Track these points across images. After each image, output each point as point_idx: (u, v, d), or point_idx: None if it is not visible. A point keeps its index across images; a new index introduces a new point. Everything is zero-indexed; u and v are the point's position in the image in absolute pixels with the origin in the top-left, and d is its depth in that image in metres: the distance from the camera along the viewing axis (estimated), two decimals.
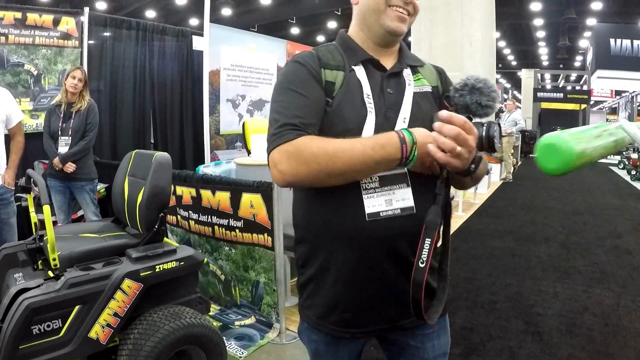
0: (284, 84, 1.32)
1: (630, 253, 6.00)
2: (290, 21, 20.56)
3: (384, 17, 1.34)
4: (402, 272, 1.30)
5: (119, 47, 6.36)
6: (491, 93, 1.30)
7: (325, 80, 1.32)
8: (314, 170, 1.17)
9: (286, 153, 1.19)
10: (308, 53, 1.38)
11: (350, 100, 1.30)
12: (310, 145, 1.18)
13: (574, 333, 3.71)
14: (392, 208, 1.27)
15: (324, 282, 1.35)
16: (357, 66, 1.36)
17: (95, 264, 2.44)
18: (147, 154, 2.95)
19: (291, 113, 1.24)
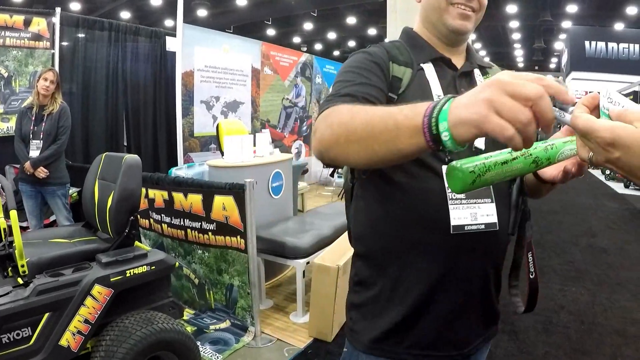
0: (345, 68, 1.22)
1: (605, 251, 6.07)
2: (267, 22, 20.48)
3: (446, 15, 1.26)
4: (479, 294, 1.25)
5: (92, 48, 6.26)
6: None
7: (392, 75, 1.23)
8: (336, 131, 0.94)
9: (322, 118, 1.02)
10: (376, 46, 1.30)
11: (419, 100, 1.17)
12: (342, 107, 0.99)
13: (550, 331, 3.74)
14: (476, 223, 1.18)
15: (391, 302, 1.23)
16: (427, 64, 1.27)
17: (64, 270, 2.39)
18: (117, 156, 2.90)
19: (345, 87, 1.12)
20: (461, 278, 1.21)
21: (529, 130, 0.65)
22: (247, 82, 7.35)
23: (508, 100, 0.65)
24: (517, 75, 0.67)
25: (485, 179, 0.81)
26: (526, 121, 0.64)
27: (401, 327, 1.23)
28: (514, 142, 0.65)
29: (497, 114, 0.65)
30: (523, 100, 0.65)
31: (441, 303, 1.21)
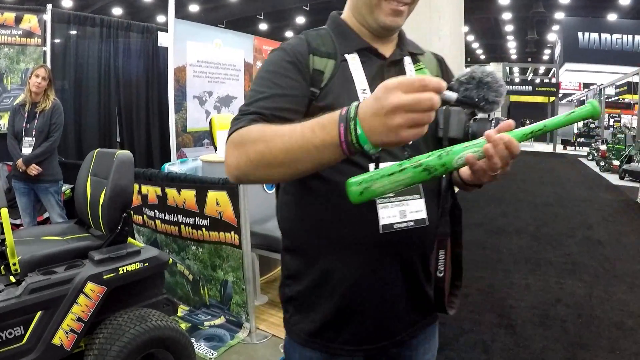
0: (260, 72, 1.20)
1: (601, 244, 6.09)
2: (259, 17, 20.47)
3: (377, 11, 1.20)
4: (409, 286, 1.25)
5: (83, 45, 6.21)
6: (499, 88, 1.20)
7: (312, 69, 1.19)
8: (254, 159, 0.97)
9: (232, 143, 1.03)
10: (296, 38, 1.25)
11: (344, 94, 1.18)
12: (252, 130, 1.00)
13: (547, 325, 3.73)
14: (406, 220, 1.18)
15: (321, 296, 1.24)
16: (351, 55, 1.23)
17: (57, 268, 2.36)
18: (109, 152, 2.87)
19: (255, 101, 1.11)
20: (390, 273, 1.22)
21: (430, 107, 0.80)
22: (240, 77, 7.31)
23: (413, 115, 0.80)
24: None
25: (374, 190, 0.89)
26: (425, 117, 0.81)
27: (333, 321, 1.24)
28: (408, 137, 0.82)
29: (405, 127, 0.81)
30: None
31: (371, 298, 1.22)
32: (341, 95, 1.18)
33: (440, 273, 1.21)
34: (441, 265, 1.21)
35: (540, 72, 31.65)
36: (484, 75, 1.20)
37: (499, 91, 1.20)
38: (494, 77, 1.21)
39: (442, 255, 1.21)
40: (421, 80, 0.79)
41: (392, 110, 0.80)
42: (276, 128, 0.97)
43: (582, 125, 22.45)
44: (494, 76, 1.21)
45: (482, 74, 1.20)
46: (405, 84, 0.80)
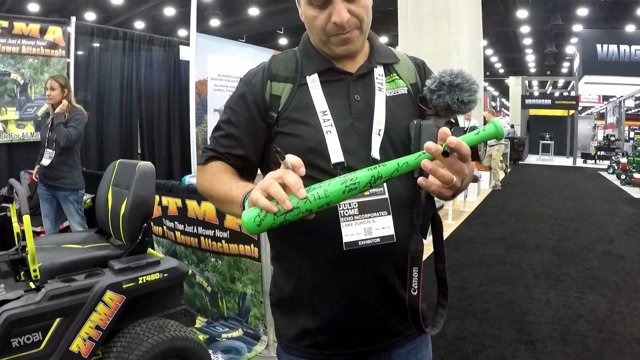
0: (227, 102, 1.34)
1: (622, 258, 5.98)
2: (279, 32, 20.56)
3: (329, 45, 1.24)
4: (385, 298, 1.25)
5: (106, 57, 6.32)
6: (472, 87, 1.20)
7: (271, 94, 1.25)
8: (203, 192, 1.32)
9: (197, 172, 1.35)
10: (261, 66, 1.32)
11: (303, 118, 1.22)
12: (207, 171, 1.29)
13: (568, 341, 3.66)
14: (371, 237, 1.17)
15: (299, 304, 1.28)
16: (312, 76, 1.26)
17: (77, 276, 2.38)
18: (131, 163, 2.91)
19: (217, 137, 1.31)
20: (360, 285, 1.22)
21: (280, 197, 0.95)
22: None
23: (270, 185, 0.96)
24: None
25: (266, 222, 0.98)
26: (275, 191, 0.96)
27: (311, 328, 1.26)
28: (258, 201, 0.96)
29: (261, 190, 0.96)
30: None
31: (341, 307, 1.23)
32: (301, 120, 1.22)
33: (414, 291, 1.19)
34: (415, 283, 1.19)
35: (559, 85, 31.39)
36: (452, 77, 1.20)
37: (472, 89, 1.20)
38: (464, 77, 1.20)
39: (416, 273, 1.19)
40: (268, 187, 0.96)
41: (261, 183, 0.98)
42: (220, 178, 1.24)
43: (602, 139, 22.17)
44: (464, 75, 1.21)
45: (451, 77, 1.20)
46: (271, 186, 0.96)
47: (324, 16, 1.19)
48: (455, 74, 1.22)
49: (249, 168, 1.32)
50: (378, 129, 1.22)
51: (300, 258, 1.24)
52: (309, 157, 1.17)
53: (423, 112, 1.29)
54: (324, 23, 1.20)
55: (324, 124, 1.20)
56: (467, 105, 1.21)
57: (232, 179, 1.22)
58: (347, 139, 1.20)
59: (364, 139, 1.22)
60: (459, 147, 0.95)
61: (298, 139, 1.21)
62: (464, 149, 0.96)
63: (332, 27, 1.19)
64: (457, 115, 1.27)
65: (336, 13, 1.17)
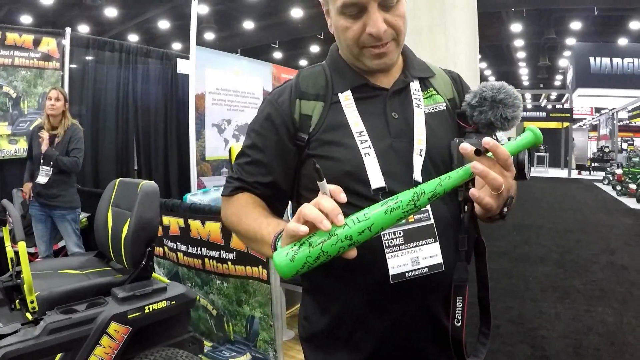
0: (251, 124, 1.25)
1: (626, 269, 6.00)
2: (273, 45, 20.59)
3: (362, 59, 1.14)
4: (432, 330, 1.15)
5: (102, 70, 6.16)
6: (515, 102, 1.11)
7: (300, 114, 1.16)
8: (229, 226, 1.25)
9: (223, 204, 1.27)
10: (288, 84, 1.23)
11: (338, 139, 1.12)
12: (233, 204, 1.21)
13: (581, 355, 3.65)
14: (419, 267, 1.08)
15: (336, 338, 1.17)
16: (345, 93, 1.16)
17: (77, 306, 2.22)
18: (132, 182, 2.76)
19: (242, 165, 1.23)
20: (407, 320, 1.13)
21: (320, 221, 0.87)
22: (259, 105, 7.25)
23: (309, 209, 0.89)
24: None
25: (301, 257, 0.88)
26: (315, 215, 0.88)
27: None
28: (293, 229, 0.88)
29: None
30: None
31: (389, 346, 1.14)
32: (335, 141, 1.12)
33: (457, 322, 1.09)
34: (459, 314, 1.09)
35: (552, 98, 31.63)
36: (495, 92, 1.11)
37: (516, 104, 1.11)
38: (507, 92, 1.11)
39: (460, 303, 1.09)
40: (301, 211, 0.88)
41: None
42: (249, 213, 1.15)
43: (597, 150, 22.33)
44: (507, 90, 1.11)
45: (493, 92, 1.11)
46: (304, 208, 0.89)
47: (358, 27, 1.10)
48: (497, 88, 1.12)
49: (279, 197, 1.22)
50: (419, 149, 1.12)
51: (341, 292, 1.14)
52: (346, 182, 1.07)
53: (462, 129, 1.19)
54: (357, 34, 1.10)
55: (362, 145, 1.10)
56: (510, 122, 1.12)
57: (261, 214, 1.13)
58: (387, 161, 1.11)
59: (405, 160, 1.12)
60: (495, 148, 0.89)
61: (333, 162, 1.11)
62: (501, 151, 0.89)
63: (367, 38, 1.10)
64: (498, 132, 1.16)
65: (372, 23, 1.08)
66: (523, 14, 16.91)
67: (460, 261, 1.10)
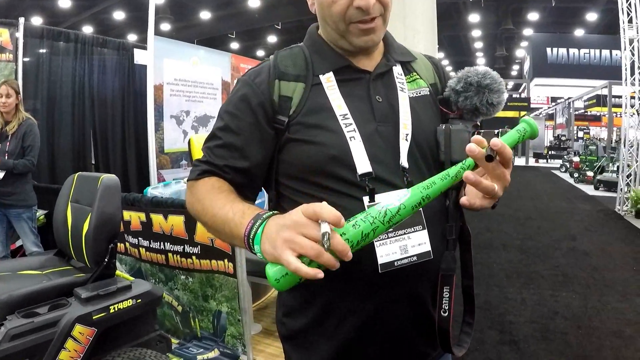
0: (224, 106, 1.16)
1: (588, 254, 6.16)
2: (230, 36, 20.38)
3: (348, 36, 1.09)
4: (417, 320, 1.13)
5: (57, 61, 5.92)
6: (500, 87, 1.10)
7: (280, 95, 1.09)
8: (194, 214, 1.12)
9: (187, 190, 1.15)
10: (265, 64, 1.15)
11: (321, 122, 1.07)
12: (198, 190, 1.10)
13: (549, 339, 3.73)
14: (407, 255, 1.04)
15: (321, 333, 1.13)
16: (327, 75, 1.11)
17: (39, 309, 2.10)
18: (92, 176, 2.63)
19: (212, 148, 1.12)
20: (395, 309, 1.10)
21: (321, 259, 0.79)
22: (218, 96, 7.12)
23: (301, 239, 0.80)
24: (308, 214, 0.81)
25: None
26: (315, 254, 0.79)
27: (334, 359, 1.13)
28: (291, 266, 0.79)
29: (292, 250, 0.79)
30: (313, 239, 0.79)
31: (376, 338, 1.11)
32: (318, 124, 1.06)
33: (444, 312, 1.09)
34: (446, 304, 1.09)
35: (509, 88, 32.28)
36: (480, 77, 1.10)
37: (501, 89, 1.11)
38: (493, 77, 1.10)
39: (447, 292, 1.09)
40: (317, 207, 0.80)
41: (288, 225, 0.82)
42: (213, 199, 1.04)
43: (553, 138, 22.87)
44: (492, 75, 1.11)
45: (479, 77, 1.10)
46: (307, 208, 0.82)
47: (345, 1, 1.04)
48: (482, 73, 1.10)
49: (252, 185, 1.14)
50: (405, 134, 1.09)
51: (330, 282, 1.06)
52: (331, 167, 1.04)
53: (445, 115, 1.17)
54: (344, 9, 1.05)
55: (346, 128, 1.05)
56: (495, 108, 1.11)
57: (228, 199, 1.03)
58: (373, 145, 1.06)
59: (391, 145, 1.08)
60: (503, 149, 0.87)
61: (317, 147, 1.05)
62: (508, 152, 0.88)
63: (354, 12, 1.05)
64: (483, 116, 1.15)
65: None
66: (481, 5, 17.15)
67: (448, 250, 1.08)
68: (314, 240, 0.80)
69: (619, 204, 9.25)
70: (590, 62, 22.15)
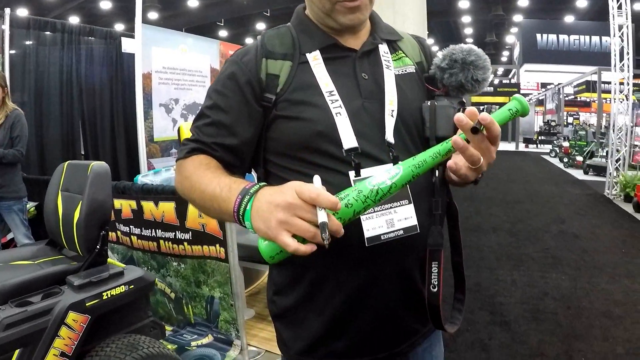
0: (212, 85, 1.16)
1: (577, 237, 6.24)
2: (219, 24, 20.25)
3: (334, 14, 1.10)
4: (406, 295, 1.14)
5: (44, 52, 5.87)
6: (485, 63, 1.11)
7: (267, 74, 1.10)
8: (182, 193, 1.12)
9: (177, 167, 1.15)
10: (252, 44, 1.17)
11: (307, 98, 1.08)
12: (186, 168, 1.10)
13: (539, 319, 3.78)
14: (394, 230, 1.06)
15: (310, 310, 1.15)
16: (313, 53, 1.12)
17: (32, 298, 2.09)
18: (82, 164, 2.61)
19: (200, 127, 1.13)
20: (383, 284, 1.11)
21: (316, 238, 0.82)
22: (207, 83, 7.07)
23: (298, 221, 0.82)
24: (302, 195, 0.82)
25: None
26: (311, 236, 0.82)
27: (326, 337, 1.15)
28: (290, 248, 0.82)
29: (287, 231, 0.82)
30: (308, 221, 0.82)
31: (364, 310, 1.12)
32: (305, 101, 1.07)
33: (434, 288, 1.09)
34: (434, 279, 1.09)
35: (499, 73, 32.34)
36: (465, 54, 1.10)
37: (486, 66, 1.11)
38: (477, 54, 1.11)
39: (435, 268, 1.09)
40: (313, 193, 0.81)
41: (282, 206, 0.83)
42: (201, 176, 1.05)
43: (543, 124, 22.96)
44: (477, 52, 1.11)
45: (464, 54, 1.11)
46: (303, 191, 0.82)
47: None
48: (467, 50, 1.12)
49: (240, 163, 1.15)
50: (391, 110, 1.10)
51: (318, 258, 1.06)
52: (318, 142, 1.06)
53: (431, 92, 1.18)
54: None
55: (332, 104, 1.06)
56: (480, 84, 1.12)
57: (215, 175, 1.03)
58: (359, 121, 1.08)
59: (377, 121, 1.09)
60: (491, 125, 0.88)
61: (304, 123, 1.07)
62: (496, 128, 0.89)
63: None
64: (468, 95, 1.16)
65: None
66: None
67: (435, 225, 1.09)
68: (310, 222, 0.82)
69: (608, 188, 9.32)
70: (580, 48, 22.25)
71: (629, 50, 8.91)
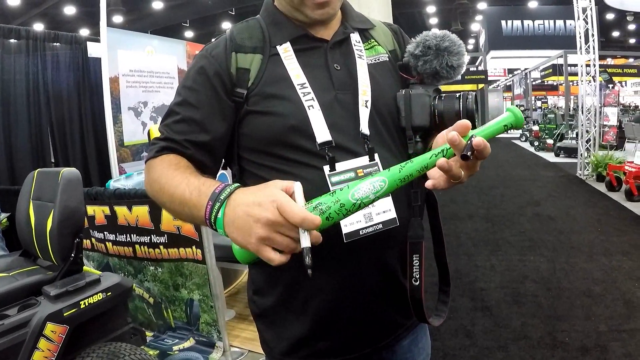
0: (181, 82, 1.13)
1: (552, 219, 6.33)
2: (184, 24, 20.08)
3: (302, 9, 1.08)
4: (388, 289, 1.12)
5: (8, 60, 5.73)
6: (460, 49, 1.10)
7: (237, 68, 1.07)
8: (152, 195, 1.06)
9: (147, 168, 1.09)
10: (221, 38, 1.13)
11: (279, 92, 1.05)
12: (155, 169, 1.04)
13: (521, 302, 3.82)
14: (372, 224, 1.03)
15: (290, 310, 1.12)
16: (283, 46, 1.10)
17: (8, 310, 2.05)
18: (52, 172, 2.56)
19: (170, 124, 1.08)
20: (364, 280, 1.09)
21: (294, 250, 0.82)
22: (174, 85, 6.98)
23: (280, 238, 0.80)
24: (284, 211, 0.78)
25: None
26: (291, 250, 0.82)
27: (308, 337, 1.12)
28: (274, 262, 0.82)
29: (269, 246, 0.80)
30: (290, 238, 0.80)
31: (345, 307, 1.09)
32: (277, 95, 1.05)
33: (415, 282, 1.08)
34: (416, 272, 1.07)
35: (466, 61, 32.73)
36: (439, 40, 1.09)
37: (461, 52, 1.10)
38: (451, 39, 1.10)
39: (417, 261, 1.07)
40: (297, 217, 0.78)
41: (262, 222, 0.79)
42: (170, 177, 0.99)
43: None
44: (451, 38, 1.10)
45: (437, 40, 1.09)
46: (286, 211, 0.78)
47: None
48: (440, 36, 1.10)
49: (212, 161, 1.11)
50: (365, 101, 1.08)
51: (291, 261, 1.06)
52: (291, 137, 1.03)
53: (406, 81, 1.16)
54: None
55: (304, 97, 1.04)
56: (456, 70, 1.11)
57: (184, 176, 0.98)
58: (332, 113, 1.06)
59: (351, 112, 1.07)
60: (484, 149, 0.80)
61: (275, 117, 1.04)
62: (487, 152, 0.81)
63: None
64: (443, 81, 1.14)
65: None
66: None
67: (414, 217, 1.08)
68: (291, 238, 0.80)
69: (580, 169, 9.48)
70: (545, 33, 22.54)
71: (593, 32, 9.05)
